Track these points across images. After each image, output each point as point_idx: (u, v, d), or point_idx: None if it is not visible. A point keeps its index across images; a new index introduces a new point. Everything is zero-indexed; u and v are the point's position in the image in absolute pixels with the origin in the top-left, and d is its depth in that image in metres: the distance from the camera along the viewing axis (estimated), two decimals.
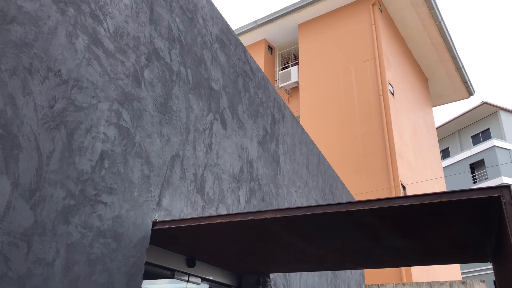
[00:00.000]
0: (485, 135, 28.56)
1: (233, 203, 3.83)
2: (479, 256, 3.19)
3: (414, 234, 2.69)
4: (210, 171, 3.49)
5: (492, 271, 21.05)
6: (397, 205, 2.15)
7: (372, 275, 9.18)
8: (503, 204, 1.94)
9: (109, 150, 2.38)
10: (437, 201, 2.07)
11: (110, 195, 2.33)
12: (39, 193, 1.91)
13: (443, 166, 27.71)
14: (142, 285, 2.55)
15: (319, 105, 12.86)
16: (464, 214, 2.27)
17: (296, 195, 5.43)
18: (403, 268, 9.24)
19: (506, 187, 1.97)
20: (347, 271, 7.46)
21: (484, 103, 27.14)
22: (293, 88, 14.75)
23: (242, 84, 4.29)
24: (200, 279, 3.70)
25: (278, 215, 2.43)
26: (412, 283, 7.45)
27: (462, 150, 29.62)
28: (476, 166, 27.07)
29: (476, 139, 29.20)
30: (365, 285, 7.90)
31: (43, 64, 2.03)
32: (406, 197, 2.15)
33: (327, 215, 2.34)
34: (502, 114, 27.68)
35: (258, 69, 4.80)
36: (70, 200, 2.07)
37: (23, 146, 1.86)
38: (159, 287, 5.01)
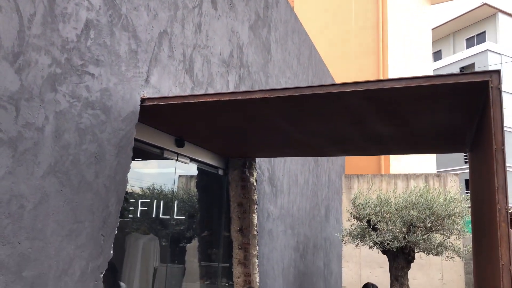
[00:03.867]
0: (480, 38, 28.05)
1: (221, 88, 3.82)
2: (458, 146, 3.32)
3: (398, 120, 2.75)
4: (199, 52, 3.41)
5: (464, 171, 22.26)
6: (386, 87, 2.16)
7: (352, 167, 9.62)
8: (490, 89, 1.96)
9: (94, 20, 2.27)
10: (426, 84, 2.08)
11: (97, 67, 2.29)
12: (23, 57, 1.85)
13: (434, 68, 27.61)
14: (133, 165, 2.62)
15: None
16: (450, 99, 2.31)
17: (285, 86, 5.42)
18: (382, 161, 9.68)
19: (496, 71, 1.97)
20: (329, 161, 7.80)
21: (485, 4, 26.18)
22: None
23: None
24: (188, 159, 3.83)
25: (267, 95, 2.43)
26: (389, 174, 7.87)
27: (454, 53, 29.30)
28: (466, 69, 27.02)
29: (470, 42, 28.73)
30: (345, 175, 8.33)
31: None
32: (396, 80, 2.15)
33: (315, 97, 2.36)
34: (501, 17, 26.91)
35: None
36: (56, 68, 2.02)
37: (2, 5, 1.75)
38: (151, 171, 5.20)
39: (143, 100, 2.67)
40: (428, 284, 7.35)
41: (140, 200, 5.41)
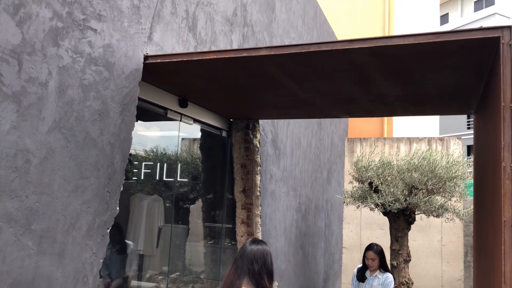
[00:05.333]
0: (489, 1, 27.33)
1: (225, 47, 3.76)
2: (464, 107, 3.29)
3: (404, 80, 2.72)
4: (203, 9, 3.33)
5: (467, 137, 22.25)
6: (394, 43, 2.12)
7: (355, 131, 9.62)
8: (501, 45, 1.92)
9: None
10: (435, 40, 2.04)
11: (99, 22, 2.24)
12: (24, 9, 1.81)
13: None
14: (137, 128, 2.60)
15: None
16: (459, 58, 2.27)
17: None
18: (385, 125, 9.65)
19: (507, 27, 1.92)
20: (332, 125, 7.78)
21: None
22: None
23: None
24: (192, 120, 3.82)
25: (273, 52, 2.39)
26: (392, 138, 7.86)
27: (462, 16, 28.65)
28: None
29: (478, 5, 28.02)
30: (348, 138, 8.33)
31: None
32: (404, 36, 2.10)
33: (322, 53, 2.31)
34: None
35: None
36: (57, 22, 1.98)
37: None
38: (154, 133, 5.21)
39: (146, 57, 2.63)
40: (428, 245, 7.50)
41: (143, 163, 5.46)
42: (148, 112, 3.24)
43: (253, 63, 2.58)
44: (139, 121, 2.83)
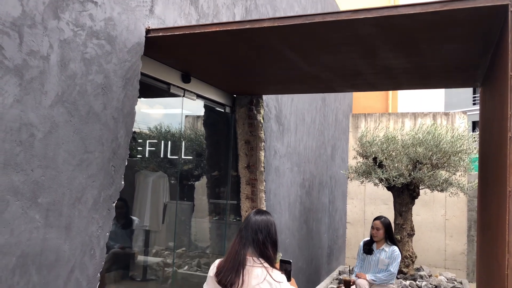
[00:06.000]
0: None
1: (228, 20, 3.70)
2: (470, 80, 3.25)
3: (410, 51, 2.67)
4: None
5: (472, 113, 22.08)
6: (400, 13, 2.08)
7: (359, 106, 9.55)
8: (509, 13, 1.88)
9: None
10: (442, 9, 2.00)
11: None
12: None
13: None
14: (141, 106, 2.59)
15: None
16: (466, 28, 2.22)
17: None
18: (389, 100, 9.57)
19: None
20: (336, 101, 7.74)
21: None
22: None
23: None
24: (195, 96, 3.80)
25: (276, 24, 2.35)
26: (397, 113, 7.81)
27: None
28: None
29: None
30: (352, 114, 8.29)
31: None
32: (410, 5, 2.06)
33: (326, 25, 2.27)
34: None
35: None
36: None
37: None
38: (158, 111, 5.19)
39: (148, 31, 2.60)
40: (431, 219, 7.54)
41: (148, 141, 5.47)
42: (151, 88, 3.22)
43: (256, 36, 2.55)
44: (142, 99, 2.82)
